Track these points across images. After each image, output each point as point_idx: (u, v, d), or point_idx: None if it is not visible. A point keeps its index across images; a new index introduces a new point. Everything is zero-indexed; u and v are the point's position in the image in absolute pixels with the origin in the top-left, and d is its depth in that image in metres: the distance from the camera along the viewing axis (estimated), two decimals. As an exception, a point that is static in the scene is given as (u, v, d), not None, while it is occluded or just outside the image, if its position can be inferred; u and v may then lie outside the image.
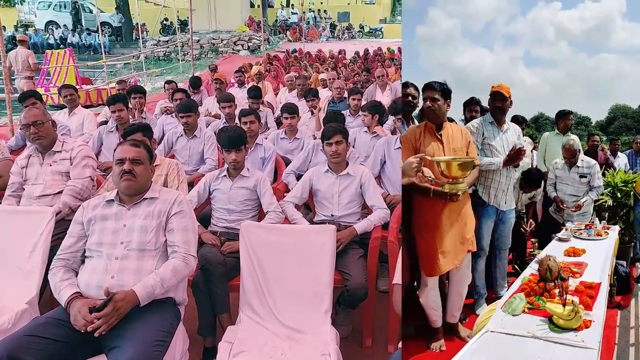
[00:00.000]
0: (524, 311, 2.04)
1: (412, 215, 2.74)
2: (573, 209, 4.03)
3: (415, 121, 3.26)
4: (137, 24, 20.36)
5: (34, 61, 9.33)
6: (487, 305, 3.07)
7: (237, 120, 4.52)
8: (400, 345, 2.16)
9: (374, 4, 32.40)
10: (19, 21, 23.23)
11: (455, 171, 2.35)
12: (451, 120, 3.46)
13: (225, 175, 3.22)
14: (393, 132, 4.79)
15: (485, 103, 3.63)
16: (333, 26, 26.91)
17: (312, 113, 5.71)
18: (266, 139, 4.55)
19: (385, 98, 7.07)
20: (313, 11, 27.08)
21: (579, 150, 4.13)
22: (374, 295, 2.95)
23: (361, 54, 15.36)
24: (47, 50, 14.20)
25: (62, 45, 18.66)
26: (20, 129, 3.34)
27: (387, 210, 3.18)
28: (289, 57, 14.07)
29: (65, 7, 22.59)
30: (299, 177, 3.78)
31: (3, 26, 17.09)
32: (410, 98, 3.20)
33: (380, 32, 26.40)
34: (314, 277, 2.62)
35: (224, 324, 2.71)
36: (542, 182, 3.95)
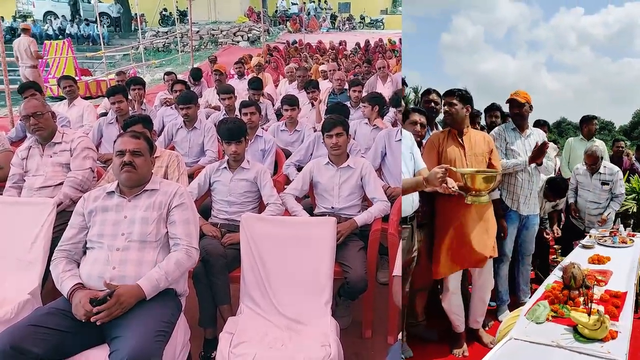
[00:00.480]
0: (548, 319, 2.02)
1: (435, 218, 2.82)
2: (599, 222, 3.95)
3: (439, 127, 3.31)
4: (135, 14, 20.23)
5: (36, 49, 9.34)
6: (510, 311, 3.11)
7: (237, 112, 4.51)
8: (400, 336, 2.18)
9: (374, -6, 32.20)
10: (17, 12, 23.07)
11: (479, 184, 2.37)
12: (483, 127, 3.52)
13: (225, 167, 3.22)
14: (394, 124, 4.79)
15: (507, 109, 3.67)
16: (333, 17, 26.76)
17: (313, 105, 5.70)
18: (266, 130, 4.55)
19: (386, 90, 7.05)
20: (313, 2, 26.91)
21: (602, 157, 4.04)
22: (373, 287, 2.96)
23: (362, 45, 15.29)
24: (45, 41, 14.13)
25: (60, 36, 18.56)
26: (20, 120, 3.34)
27: (387, 202, 3.19)
28: (289, 48, 14.01)
29: (63, -4, 22.48)
30: (299, 169, 3.79)
31: (1, 17, 17.05)
32: (432, 104, 3.24)
33: (381, 23, 26.25)
34: (314, 269, 2.63)
35: (224, 315, 2.73)
36: (566, 191, 3.89)
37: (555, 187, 3.75)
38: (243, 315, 2.54)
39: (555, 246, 3.92)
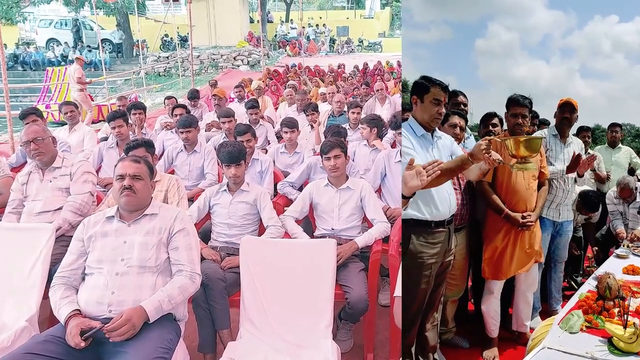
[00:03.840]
0: (581, 329, 1.99)
1: (484, 221, 2.88)
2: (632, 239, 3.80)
3: (468, 129, 3.24)
4: (137, 40, 20.54)
5: (79, 75, 10.67)
6: (541, 319, 3.10)
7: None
8: (401, 360, 2.15)
9: (372, 18, 32.71)
10: (20, 39, 23.43)
11: (523, 150, 2.28)
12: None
13: (225, 190, 3.22)
14: (393, 146, 4.80)
15: (542, 115, 3.65)
16: (332, 40, 27.12)
17: (312, 127, 5.73)
18: (265, 152, 4.55)
19: (384, 111, 7.10)
20: (312, 26, 27.30)
21: (636, 188, 3.82)
22: (374, 309, 2.93)
23: (360, 67, 15.44)
24: (48, 68, 14.30)
25: (63, 63, 18.81)
26: (21, 145, 3.35)
27: (387, 223, 3.18)
28: (288, 71, 14.16)
29: (66, 24, 22.82)
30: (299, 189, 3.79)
31: (4, 44, 17.27)
32: (462, 106, 3.21)
33: (379, 46, 26.60)
34: (314, 292, 2.61)
35: (224, 340, 2.69)
36: (600, 205, 3.76)
37: (588, 201, 3.61)
38: (243, 340, 2.50)
39: (588, 255, 3.83)
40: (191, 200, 3.63)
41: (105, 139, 5.37)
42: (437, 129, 2.44)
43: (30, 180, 3.23)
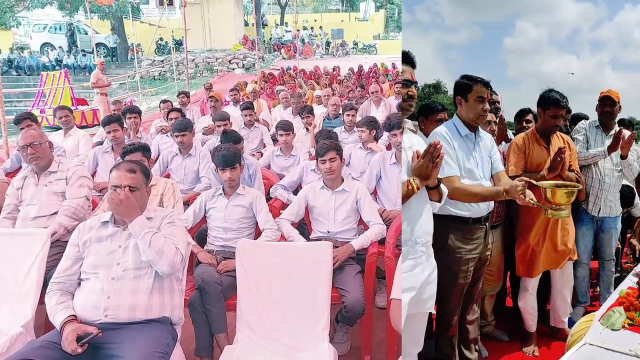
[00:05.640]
0: (623, 326, 1.97)
1: (517, 220, 2.91)
2: None
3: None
4: (132, 44, 20.51)
5: (93, 80, 11.01)
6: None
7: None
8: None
9: (367, 20, 32.79)
10: (15, 44, 23.34)
11: (560, 198, 2.32)
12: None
13: (220, 194, 3.22)
14: (388, 148, 4.81)
15: (575, 110, 3.65)
16: (327, 43, 27.17)
17: (308, 130, 5.74)
18: (262, 155, 4.54)
19: (379, 114, 7.11)
20: (307, 29, 27.34)
21: None
22: (372, 311, 2.94)
23: (355, 70, 15.48)
24: (42, 72, 14.25)
25: (57, 67, 18.75)
26: (18, 150, 3.34)
27: (383, 225, 3.18)
28: (283, 74, 14.17)
29: (60, 29, 22.77)
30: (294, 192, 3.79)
31: (-1, 49, 17.25)
32: (497, 104, 3.20)
33: (374, 49, 26.67)
34: (311, 295, 2.61)
35: (221, 343, 2.69)
36: (635, 199, 3.70)
37: (621, 195, 3.47)
38: (240, 344, 2.51)
39: (626, 250, 3.72)
40: (187, 204, 3.63)
41: (101, 143, 5.35)
42: (479, 128, 2.48)
43: (26, 185, 3.22)
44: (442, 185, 2.12)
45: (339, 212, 3.21)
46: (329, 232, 3.20)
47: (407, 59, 2.26)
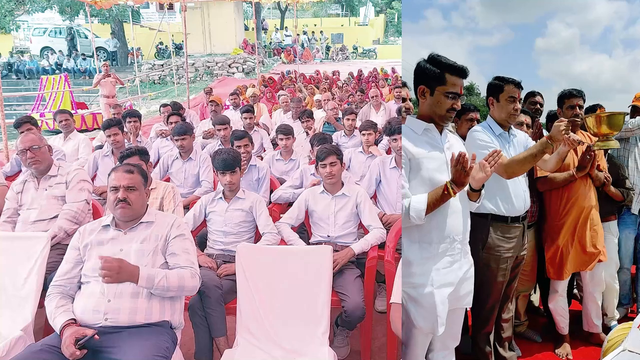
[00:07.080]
0: None
1: (544, 222, 2.90)
2: None
3: (544, 128, 3.24)
4: (132, 48, 20.56)
5: (95, 82, 10.74)
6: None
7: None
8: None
9: (366, 25, 32.90)
10: (15, 47, 23.39)
11: (605, 127, 2.27)
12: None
13: (220, 198, 3.23)
14: (388, 152, 4.82)
15: (608, 108, 3.64)
16: (327, 48, 27.24)
17: (307, 134, 5.75)
18: (262, 159, 4.54)
19: (379, 118, 7.13)
20: (307, 33, 27.42)
21: None
22: (371, 315, 2.93)
23: (355, 74, 15.51)
24: (42, 76, 14.27)
25: (57, 71, 18.78)
26: (17, 154, 3.35)
27: (383, 229, 3.18)
28: (283, 78, 14.20)
29: (60, 33, 22.81)
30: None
31: (-1, 53, 17.28)
32: (538, 105, 3.21)
33: (373, 53, 26.75)
34: (311, 299, 2.61)
35: (221, 347, 2.69)
36: None
37: None
38: (240, 348, 2.50)
39: None
40: (187, 207, 3.63)
41: (101, 147, 5.36)
42: (512, 127, 2.52)
43: (25, 189, 3.22)
44: (482, 190, 2.11)
45: (339, 216, 3.21)
46: (329, 236, 3.20)
47: (458, 70, 1.98)
